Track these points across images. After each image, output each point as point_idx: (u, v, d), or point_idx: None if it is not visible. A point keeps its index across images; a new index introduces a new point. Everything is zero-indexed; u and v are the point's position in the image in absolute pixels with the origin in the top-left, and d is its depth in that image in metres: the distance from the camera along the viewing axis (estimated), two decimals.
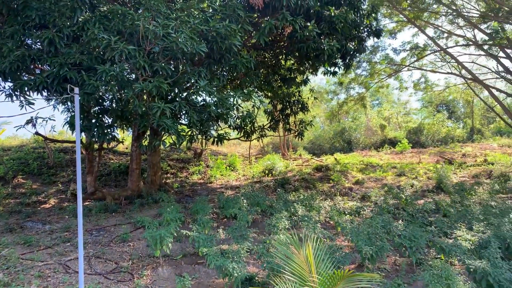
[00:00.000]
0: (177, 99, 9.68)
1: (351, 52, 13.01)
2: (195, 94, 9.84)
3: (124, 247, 8.34)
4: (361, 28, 12.89)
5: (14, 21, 8.99)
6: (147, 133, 12.72)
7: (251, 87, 13.36)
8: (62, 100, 10.41)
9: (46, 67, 9.68)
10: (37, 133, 11.09)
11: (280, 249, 5.19)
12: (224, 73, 11.14)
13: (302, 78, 15.82)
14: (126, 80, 8.65)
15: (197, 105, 9.76)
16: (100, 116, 10.19)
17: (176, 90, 10.31)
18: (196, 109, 9.56)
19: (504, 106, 16.41)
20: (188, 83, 10.69)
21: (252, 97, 11.27)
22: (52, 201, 12.15)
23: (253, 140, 15.80)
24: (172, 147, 9.66)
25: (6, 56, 8.54)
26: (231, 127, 13.09)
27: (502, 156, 19.73)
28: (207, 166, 18.34)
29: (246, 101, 12.70)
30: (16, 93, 9.16)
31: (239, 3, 10.03)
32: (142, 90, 8.48)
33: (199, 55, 9.06)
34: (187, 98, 9.99)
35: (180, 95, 10.26)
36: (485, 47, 16.76)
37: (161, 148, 14.03)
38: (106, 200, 11.85)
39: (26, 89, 8.88)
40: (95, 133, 9.63)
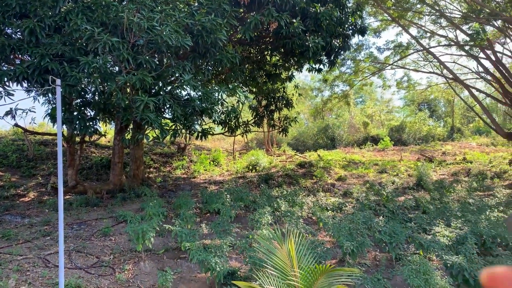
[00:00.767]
0: (161, 92, 9.60)
1: (336, 50, 13.09)
2: (180, 88, 9.78)
3: (105, 241, 8.26)
4: (346, 25, 12.98)
5: None
6: (130, 127, 12.59)
7: (236, 82, 13.34)
8: (43, 91, 10.22)
9: (26, 58, 9.46)
10: (16, 125, 10.85)
11: (263, 244, 5.23)
12: (209, 67, 11.10)
13: (287, 74, 15.87)
14: (109, 72, 8.52)
15: (181, 99, 9.71)
16: (82, 108, 10.03)
17: (160, 83, 10.23)
18: (180, 103, 9.49)
19: (483, 106, 16.78)
20: (172, 77, 10.60)
21: (237, 92, 11.25)
22: (32, 195, 11.93)
23: (238, 135, 15.81)
24: (155, 141, 9.61)
25: None
26: (216, 122, 13.05)
27: (480, 155, 20.22)
28: (190, 161, 18.26)
29: (231, 96, 12.68)
30: None
31: None
32: (126, 83, 8.38)
33: (184, 49, 9.00)
34: (171, 92, 9.91)
35: (164, 88, 10.17)
36: (466, 47, 17.08)
37: (144, 142, 13.90)
38: (87, 194, 11.70)
39: (5, 80, 8.66)
40: (77, 125, 9.48)
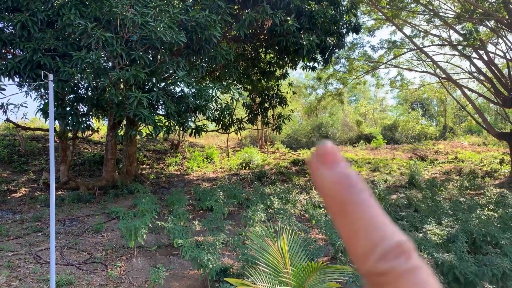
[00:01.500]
0: (154, 89, 9.56)
1: (330, 48, 13.12)
2: (173, 84, 9.75)
3: (97, 237, 8.23)
4: (341, 24, 13.00)
5: None
6: (123, 123, 12.53)
7: (230, 79, 13.33)
8: (35, 86, 10.13)
9: (18, 52, 9.37)
10: (8, 120, 10.75)
11: (256, 241, 5.24)
12: (203, 64, 11.05)
13: (282, 72, 15.87)
14: (103, 68, 8.47)
15: (175, 96, 9.67)
16: (75, 104, 9.96)
17: (153, 80, 10.19)
18: (174, 99, 9.46)
19: (475, 106, 16.93)
20: (166, 73, 10.56)
21: (231, 90, 11.26)
22: (23, 190, 11.83)
23: (231, 132, 15.81)
24: (148, 137, 9.57)
25: None
26: (209, 119, 13.02)
27: (471, 154, 20.41)
28: (184, 158, 18.22)
29: (225, 93, 12.67)
30: None
31: None
32: (119, 79, 8.34)
33: (178, 45, 8.96)
34: (165, 89, 9.88)
35: (158, 85, 10.13)
36: (459, 47, 17.20)
37: (137, 138, 13.84)
38: (79, 190, 11.63)
39: None
40: (70, 121, 9.42)
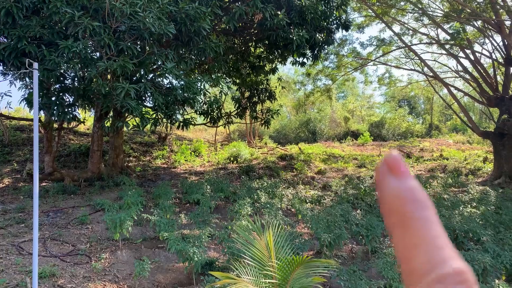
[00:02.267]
0: (142, 80, 9.45)
1: (320, 44, 13.12)
2: (162, 76, 9.65)
3: (82, 229, 8.14)
4: (331, 20, 13.02)
5: None
6: (110, 114, 12.38)
7: (219, 72, 13.25)
8: (19, 75, 9.91)
9: (2, 39, 9.15)
10: None
11: (242, 235, 5.24)
12: (192, 56, 10.95)
13: (271, 66, 15.83)
14: (90, 58, 8.34)
15: (163, 88, 9.58)
16: (61, 94, 9.79)
17: (141, 71, 10.08)
18: (162, 91, 9.37)
19: (461, 104, 17.17)
20: (154, 64, 10.45)
21: (220, 83, 11.18)
22: (6, 181, 11.63)
23: (220, 126, 15.75)
24: (135, 129, 9.47)
25: None
26: (198, 112, 12.95)
27: (456, 152, 20.75)
28: (171, 151, 18.11)
29: (214, 87, 12.60)
30: None
31: None
32: (106, 69, 8.22)
33: (167, 37, 8.86)
34: (153, 80, 9.78)
35: (146, 76, 10.02)
36: (447, 46, 17.41)
37: (124, 130, 13.70)
38: (64, 182, 11.48)
39: None
40: (55, 111, 9.26)
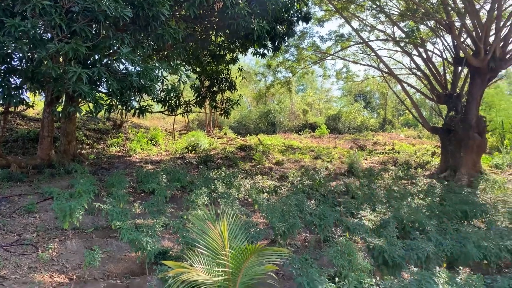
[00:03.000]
0: (96, 65, 9.08)
1: (281, 35, 13.19)
2: (117, 61, 9.30)
3: (29, 218, 7.78)
4: (292, 12, 13.10)
5: None
6: (62, 99, 11.83)
7: (178, 60, 12.99)
8: None
9: None
10: None
11: (197, 224, 5.22)
12: (150, 42, 10.66)
13: (232, 56, 15.74)
14: (39, 38, 7.88)
15: (118, 73, 9.25)
16: (7, 75, 9.22)
17: (96, 56, 9.67)
18: (117, 77, 9.04)
19: (413, 101, 17.92)
20: (110, 49, 10.05)
21: (179, 71, 10.97)
22: None
23: (178, 115, 15.50)
24: (88, 115, 9.09)
25: None
26: (155, 99, 12.66)
27: (407, 146, 21.72)
28: (126, 139, 17.62)
29: (173, 74, 12.35)
30: None
31: None
32: (57, 52, 7.82)
33: (124, 20, 8.53)
34: (108, 65, 9.42)
35: (101, 61, 9.63)
36: (402, 44, 18.06)
37: (76, 116, 13.15)
38: (10, 168, 10.87)
39: None
40: (0, 94, 8.72)
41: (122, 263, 6.43)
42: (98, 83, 10.45)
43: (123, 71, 9.54)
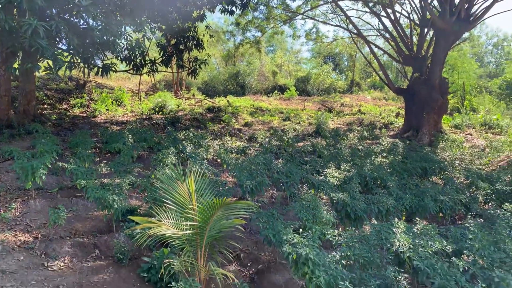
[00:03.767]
0: (55, 18, 8.56)
1: None
2: (77, 15, 8.80)
3: None
4: None
5: None
6: (19, 55, 11.17)
7: (143, 16, 12.43)
8: None
9: None
10: None
11: (165, 181, 5.22)
12: None
13: (199, 13, 15.20)
14: None
15: (79, 28, 8.79)
16: None
17: (54, 9, 9.10)
18: (77, 32, 8.60)
19: (380, 62, 18.15)
20: (70, 3, 9.47)
21: (143, 28, 10.54)
22: None
23: (143, 74, 15.03)
24: (48, 73, 8.66)
25: None
26: (119, 57, 12.18)
27: (373, 108, 22.20)
28: (90, 99, 17.03)
29: (137, 32, 11.85)
30: None
31: None
32: (11, 2, 7.30)
33: None
34: (68, 20, 8.91)
35: (60, 15, 9.08)
36: (371, 4, 18.01)
37: (35, 74, 12.51)
38: None
39: None
40: None
41: (88, 222, 6.39)
42: (57, 39, 9.91)
43: (84, 26, 9.08)
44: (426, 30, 16.22)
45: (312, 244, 4.60)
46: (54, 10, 9.22)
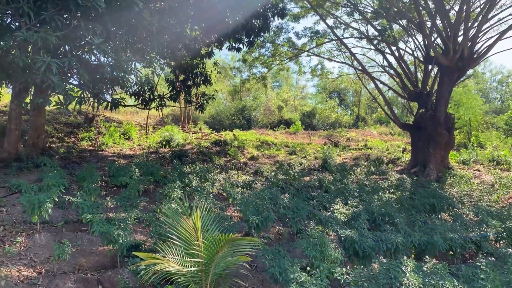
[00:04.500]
0: (67, 55, 8.83)
1: (256, 30, 13.21)
2: (89, 52, 9.08)
3: None
4: (267, 7, 13.14)
5: None
6: (31, 91, 11.44)
7: (152, 53, 12.79)
8: None
9: None
10: None
11: (171, 216, 5.20)
12: (124, 34, 10.45)
13: (207, 50, 15.61)
14: (6, 26, 7.61)
15: (90, 64, 9.04)
16: None
17: (67, 46, 9.39)
18: (88, 68, 8.83)
19: (385, 98, 18.34)
20: (82, 40, 9.80)
21: (153, 64, 10.81)
22: None
23: (152, 108, 15.26)
24: (58, 107, 8.83)
25: None
26: (128, 92, 12.42)
27: (379, 143, 22.22)
28: (98, 133, 17.25)
29: (147, 67, 12.15)
30: None
31: None
32: (25, 40, 7.55)
33: (96, 10, 8.33)
34: (80, 56, 9.17)
35: (73, 52, 9.36)
36: (375, 42, 18.42)
37: (46, 108, 12.75)
38: None
39: None
40: None
41: (93, 257, 6.31)
42: (68, 75, 10.18)
43: (95, 62, 9.34)
44: (430, 67, 16.46)
45: (320, 283, 4.51)
46: (67, 47, 9.51)
